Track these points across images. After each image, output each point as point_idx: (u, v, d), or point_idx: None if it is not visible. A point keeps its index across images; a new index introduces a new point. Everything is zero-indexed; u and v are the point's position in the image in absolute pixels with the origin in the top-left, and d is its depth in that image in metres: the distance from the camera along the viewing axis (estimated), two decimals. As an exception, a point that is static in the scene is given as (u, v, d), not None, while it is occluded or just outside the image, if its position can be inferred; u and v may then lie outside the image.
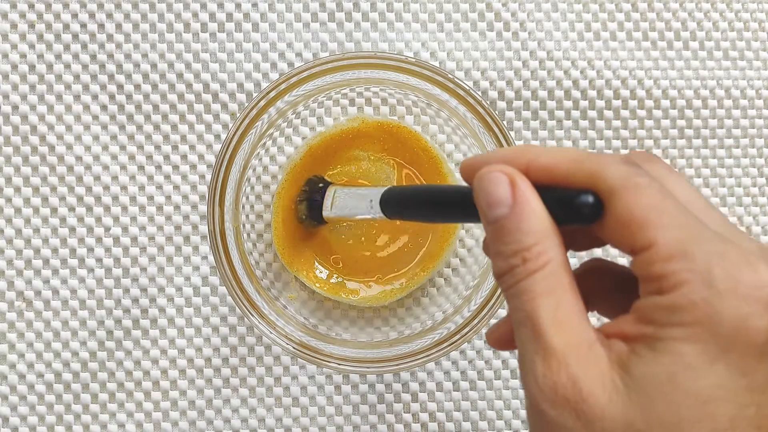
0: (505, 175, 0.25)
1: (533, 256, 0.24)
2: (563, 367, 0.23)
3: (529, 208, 0.24)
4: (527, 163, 0.25)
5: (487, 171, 0.25)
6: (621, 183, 0.23)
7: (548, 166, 0.25)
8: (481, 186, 0.25)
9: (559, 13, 0.46)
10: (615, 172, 0.24)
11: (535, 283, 0.24)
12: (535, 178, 0.25)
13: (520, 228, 0.24)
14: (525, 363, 0.24)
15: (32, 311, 0.45)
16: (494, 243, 0.25)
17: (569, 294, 0.24)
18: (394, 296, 0.44)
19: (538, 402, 0.24)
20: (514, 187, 0.25)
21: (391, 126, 0.44)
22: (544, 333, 0.24)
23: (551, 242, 0.24)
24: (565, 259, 0.25)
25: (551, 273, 0.24)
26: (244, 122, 0.38)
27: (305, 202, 0.41)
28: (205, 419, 0.45)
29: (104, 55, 0.45)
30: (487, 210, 0.25)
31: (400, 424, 0.45)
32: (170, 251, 0.45)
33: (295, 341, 0.39)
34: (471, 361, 0.45)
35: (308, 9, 0.46)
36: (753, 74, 0.47)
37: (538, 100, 0.46)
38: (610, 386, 0.23)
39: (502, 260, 0.25)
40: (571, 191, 0.24)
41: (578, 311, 0.24)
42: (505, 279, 0.25)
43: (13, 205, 0.45)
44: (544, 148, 0.26)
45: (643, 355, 0.23)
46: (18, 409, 0.44)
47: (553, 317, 0.24)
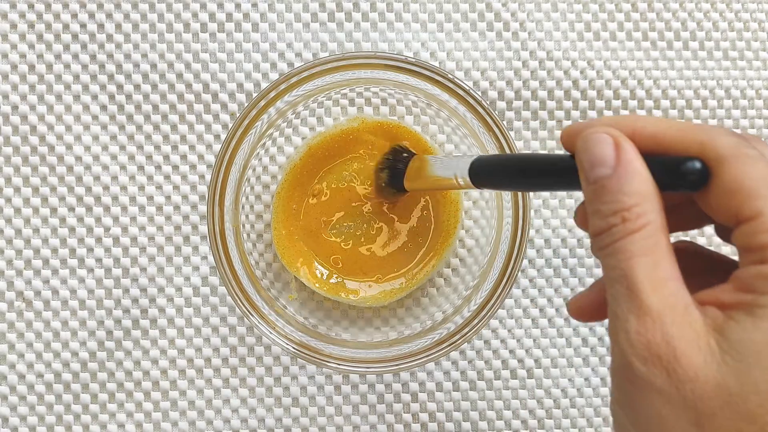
0: (610, 137, 0.25)
1: (633, 217, 0.24)
2: (658, 325, 0.23)
3: (632, 169, 0.24)
4: (633, 130, 0.25)
5: (593, 131, 0.25)
6: (731, 152, 0.23)
7: (655, 133, 0.25)
8: (585, 146, 0.25)
9: (558, 13, 0.46)
10: (725, 141, 0.24)
11: (633, 243, 0.24)
12: (641, 146, 0.25)
13: (621, 188, 0.24)
14: (617, 320, 0.24)
15: (32, 311, 0.45)
16: (593, 202, 0.25)
17: (667, 256, 0.24)
18: (394, 296, 0.44)
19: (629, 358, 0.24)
20: (618, 148, 0.25)
21: (390, 126, 0.43)
22: (640, 291, 0.24)
23: (652, 205, 0.24)
24: (665, 224, 0.25)
25: (650, 234, 0.24)
26: (244, 122, 0.38)
27: (387, 170, 0.41)
28: (205, 419, 0.45)
29: (104, 55, 0.45)
30: (590, 169, 0.25)
31: (399, 425, 0.45)
32: (170, 251, 0.45)
33: (295, 341, 0.39)
34: (471, 362, 0.45)
35: (308, 9, 0.46)
36: (753, 74, 0.47)
37: (538, 100, 0.46)
38: (706, 348, 0.23)
39: (601, 219, 0.25)
40: (677, 157, 0.24)
41: (675, 274, 0.24)
42: (602, 237, 0.25)
43: (13, 205, 0.45)
44: (651, 117, 0.26)
45: (741, 321, 0.23)
46: (18, 409, 0.44)
47: (650, 276, 0.24)
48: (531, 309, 0.46)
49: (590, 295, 0.28)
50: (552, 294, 0.46)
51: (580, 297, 0.28)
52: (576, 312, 0.29)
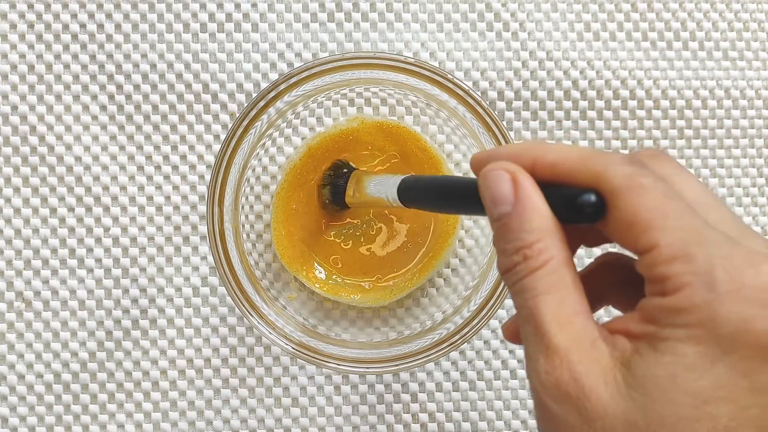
0: (507, 173, 0.25)
1: (534, 254, 0.24)
2: (565, 363, 0.23)
3: (531, 206, 0.25)
4: (533, 159, 0.25)
5: (490, 168, 0.25)
6: (624, 183, 0.24)
7: (554, 163, 0.25)
8: (485, 183, 0.26)
9: (558, 13, 0.46)
10: (618, 172, 0.24)
11: (536, 281, 0.24)
12: (541, 176, 0.25)
13: (522, 226, 0.24)
14: (529, 359, 0.24)
15: (31, 311, 0.45)
16: (498, 240, 0.25)
17: (572, 291, 0.24)
18: (394, 296, 0.44)
19: (542, 397, 0.24)
20: (516, 185, 0.25)
21: (390, 126, 0.43)
22: (546, 330, 0.24)
23: (552, 240, 0.24)
24: (568, 256, 0.25)
25: (553, 270, 0.24)
26: (244, 122, 0.38)
27: (329, 187, 0.41)
28: (205, 419, 0.45)
29: (103, 56, 0.45)
30: (492, 207, 0.25)
31: (399, 425, 0.45)
32: (169, 251, 0.45)
33: (295, 341, 0.39)
34: (470, 362, 0.45)
35: (307, 9, 0.46)
36: (752, 74, 0.47)
37: (538, 101, 0.46)
38: (612, 383, 0.23)
39: (505, 257, 0.25)
40: (575, 190, 0.24)
41: (581, 308, 0.24)
42: (508, 276, 0.25)
43: (13, 206, 0.45)
44: (551, 145, 0.26)
45: (645, 354, 0.23)
46: (17, 409, 0.44)
47: (555, 314, 0.24)
48: (531, 309, 0.45)
49: None
50: (552, 294, 0.45)
51: (512, 322, 0.28)
52: (511, 336, 0.29)
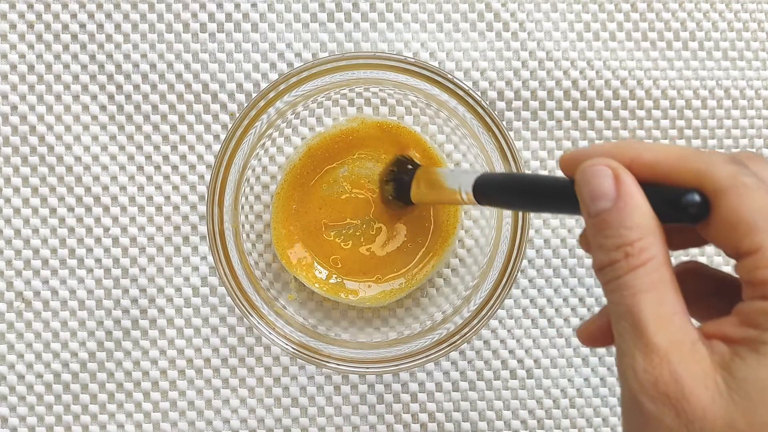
0: (609, 169, 0.25)
1: (636, 252, 0.24)
2: (665, 363, 0.23)
3: (633, 203, 0.24)
4: (631, 158, 0.25)
5: (591, 164, 0.25)
6: (729, 182, 0.23)
7: (653, 162, 0.25)
8: (584, 178, 0.25)
9: (558, 13, 0.46)
10: (722, 171, 0.24)
11: (637, 279, 0.24)
12: (639, 175, 0.25)
13: (623, 222, 0.24)
14: (624, 357, 0.24)
15: (31, 311, 0.45)
16: (595, 236, 0.25)
17: (672, 291, 0.24)
18: (394, 297, 0.44)
19: (637, 396, 0.24)
20: (618, 181, 0.25)
21: (390, 126, 0.43)
22: (646, 328, 0.23)
23: (655, 238, 0.24)
24: (668, 257, 0.25)
25: (654, 269, 0.24)
26: (243, 123, 0.38)
27: (392, 183, 0.41)
28: (204, 420, 0.45)
29: (103, 56, 0.45)
30: (590, 203, 0.25)
31: (399, 425, 0.45)
32: (169, 251, 0.45)
33: (295, 342, 0.39)
34: (470, 362, 0.45)
35: (307, 9, 0.46)
36: (752, 74, 0.47)
37: (538, 101, 0.46)
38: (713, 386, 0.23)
39: (604, 254, 0.25)
40: (677, 189, 0.24)
41: (680, 309, 0.24)
42: (605, 272, 0.25)
43: (12, 206, 0.45)
44: (649, 144, 0.25)
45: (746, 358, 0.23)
46: (17, 409, 0.44)
47: (655, 313, 0.24)
48: (530, 309, 0.46)
49: (599, 321, 0.28)
50: (551, 294, 0.46)
51: (589, 323, 0.28)
52: (587, 339, 0.28)
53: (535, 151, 0.46)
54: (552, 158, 0.46)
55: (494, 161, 0.39)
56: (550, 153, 0.46)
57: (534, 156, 0.46)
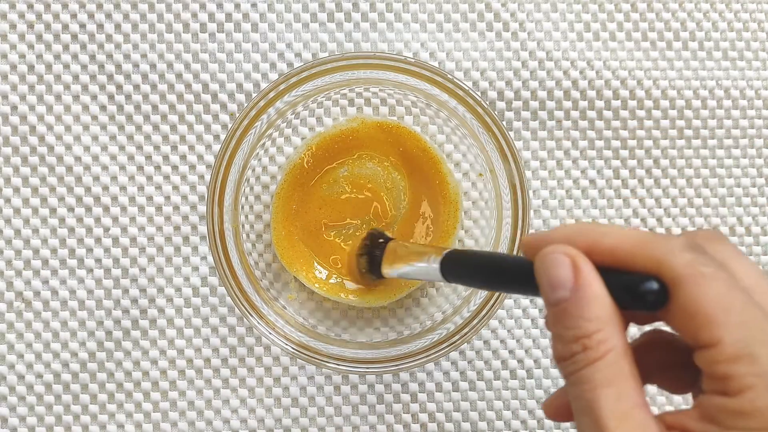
0: (568, 258, 0.25)
1: (594, 344, 0.24)
2: None
3: (592, 293, 0.24)
4: (590, 243, 0.25)
5: (549, 252, 0.25)
6: (687, 272, 0.23)
7: (611, 247, 0.25)
8: (543, 266, 0.25)
9: (558, 13, 0.46)
10: (680, 259, 0.23)
11: (596, 372, 0.24)
12: (598, 259, 0.25)
13: (581, 314, 0.24)
14: None
15: (31, 312, 0.45)
16: (555, 325, 0.25)
17: (631, 384, 0.24)
18: (394, 297, 0.44)
19: None
20: (576, 270, 0.24)
21: (390, 126, 0.43)
22: (605, 426, 0.23)
23: (613, 329, 0.24)
24: (627, 346, 0.24)
25: (613, 362, 0.24)
26: (243, 123, 0.38)
27: (366, 257, 0.41)
28: (204, 420, 0.45)
29: (103, 56, 0.45)
30: (549, 292, 0.25)
31: (399, 425, 0.45)
32: (169, 251, 0.45)
33: (294, 342, 0.39)
34: (470, 362, 0.45)
35: (307, 9, 0.46)
36: (752, 74, 0.47)
37: (538, 101, 0.46)
38: None
39: (563, 345, 0.25)
40: (635, 276, 0.24)
41: (640, 402, 0.24)
42: (565, 365, 0.25)
43: (12, 206, 0.45)
44: (607, 227, 0.25)
45: None
46: (17, 409, 0.44)
47: (614, 409, 0.23)
48: (530, 309, 0.46)
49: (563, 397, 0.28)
50: (551, 294, 0.45)
51: (555, 398, 0.28)
52: (553, 414, 0.28)
53: (535, 151, 0.46)
54: (552, 158, 0.46)
55: (494, 161, 0.39)
56: (550, 153, 0.46)
57: (534, 156, 0.46)
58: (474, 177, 0.44)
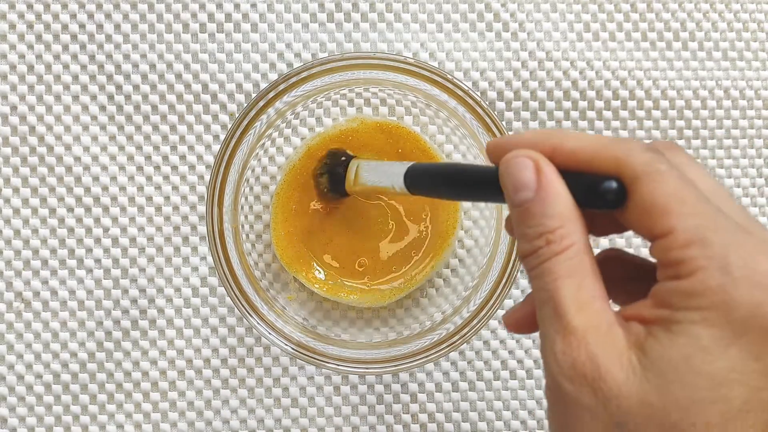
0: (530, 160, 0.26)
1: (557, 239, 0.25)
2: (582, 345, 0.24)
3: (554, 192, 0.25)
4: (552, 147, 0.26)
5: (513, 155, 0.26)
6: (644, 169, 0.24)
7: (573, 150, 0.26)
8: (507, 170, 0.26)
9: (558, 13, 0.46)
10: (639, 159, 0.24)
11: (557, 264, 0.25)
12: (560, 163, 0.26)
13: (544, 212, 0.25)
14: (546, 340, 0.25)
15: (30, 312, 0.45)
16: (519, 225, 0.26)
17: (591, 276, 0.25)
18: (393, 297, 0.44)
19: (557, 378, 0.24)
20: (539, 172, 0.25)
21: (390, 126, 0.43)
22: (565, 312, 0.24)
23: (574, 226, 0.25)
24: (588, 243, 0.25)
25: (574, 255, 0.25)
26: (243, 123, 0.38)
27: (326, 175, 0.41)
28: (204, 420, 0.45)
29: (103, 56, 0.45)
30: (513, 194, 0.26)
31: (399, 425, 0.45)
32: (169, 252, 0.45)
33: (294, 342, 0.39)
34: (470, 362, 0.45)
35: (307, 9, 0.46)
36: (752, 74, 0.47)
37: (537, 101, 0.46)
38: (628, 365, 0.24)
39: (527, 242, 0.26)
40: (596, 176, 0.25)
41: (599, 293, 0.25)
42: (529, 260, 0.26)
43: (12, 206, 0.45)
44: (570, 133, 0.26)
45: (659, 337, 0.24)
46: (17, 410, 0.44)
47: (574, 297, 0.24)
48: (530, 309, 0.46)
49: (525, 308, 0.29)
50: (551, 294, 0.45)
51: (515, 310, 0.29)
52: (513, 325, 0.29)
53: (534, 151, 0.46)
54: (552, 158, 0.46)
55: (494, 161, 0.39)
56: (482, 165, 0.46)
57: (534, 156, 0.46)
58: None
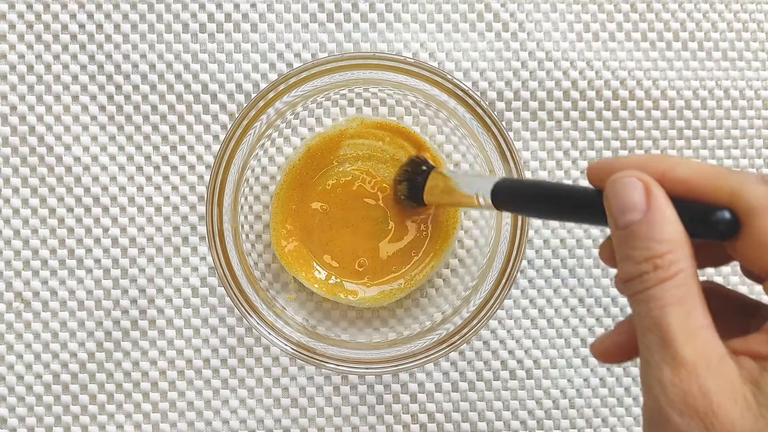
0: (640, 182, 0.25)
1: (666, 264, 0.24)
2: (694, 377, 0.23)
3: (664, 216, 0.24)
4: (662, 172, 0.25)
5: (621, 176, 0.25)
6: (761, 203, 0.23)
7: (685, 178, 0.25)
8: (614, 190, 0.25)
9: (557, 13, 0.46)
10: (756, 191, 0.24)
11: (665, 291, 0.24)
12: (669, 189, 0.25)
13: (652, 235, 0.24)
14: (651, 368, 0.24)
15: (30, 312, 0.45)
16: (623, 247, 0.25)
17: (699, 305, 0.24)
18: (393, 297, 0.44)
19: (664, 408, 0.24)
20: (649, 194, 0.25)
21: (389, 126, 0.43)
22: (674, 341, 0.24)
23: (684, 252, 0.24)
24: (696, 271, 0.25)
25: (683, 282, 0.24)
26: (243, 123, 0.38)
27: (406, 183, 0.41)
28: (204, 420, 0.45)
29: (102, 56, 0.45)
30: (619, 215, 0.25)
31: (398, 425, 0.45)
32: (169, 252, 0.45)
33: (294, 342, 0.39)
34: (470, 362, 0.45)
35: (307, 9, 0.46)
36: (751, 75, 0.47)
37: (537, 101, 0.46)
38: (742, 401, 0.23)
39: (632, 265, 0.25)
40: (707, 206, 0.24)
41: (708, 323, 0.24)
42: (632, 284, 0.25)
43: (12, 206, 0.45)
44: (681, 159, 0.26)
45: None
46: (16, 410, 0.44)
47: (683, 326, 0.24)
48: (530, 309, 0.46)
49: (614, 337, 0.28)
50: (551, 294, 0.46)
51: (604, 339, 0.28)
52: (602, 355, 0.28)
53: (534, 151, 0.46)
54: (551, 158, 0.46)
55: (493, 161, 0.39)
56: (550, 153, 0.46)
57: (533, 156, 0.46)
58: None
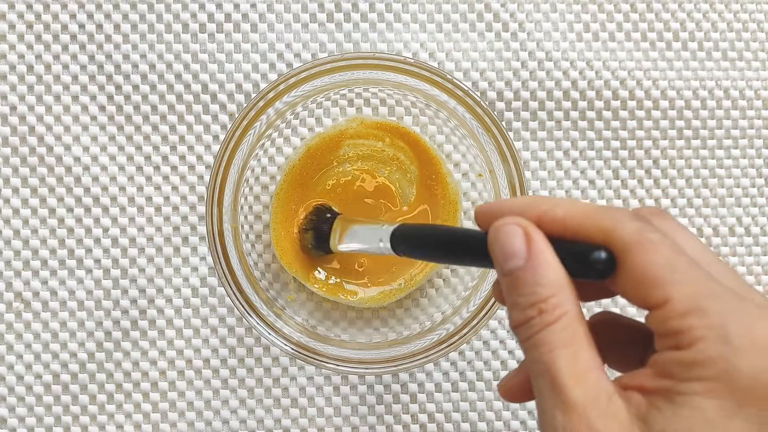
0: (520, 228, 0.25)
1: (549, 308, 0.24)
2: (584, 420, 0.23)
3: (545, 261, 0.25)
4: (541, 214, 0.26)
5: (502, 223, 0.26)
6: (634, 239, 0.24)
7: (561, 218, 0.25)
8: (496, 238, 0.26)
9: (557, 13, 0.46)
10: (628, 228, 0.24)
11: (552, 335, 0.24)
12: (548, 230, 0.25)
13: (536, 280, 0.25)
14: (544, 414, 0.24)
15: (30, 312, 0.45)
16: (510, 294, 0.25)
17: (586, 345, 0.24)
18: (393, 297, 0.44)
19: None
20: (529, 240, 0.25)
21: (389, 126, 0.43)
22: (563, 385, 0.24)
23: (566, 294, 0.25)
24: (580, 311, 0.25)
25: (568, 324, 0.24)
26: (243, 123, 0.38)
27: (312, 232, 0.41)
28: (204, 420, 0.45)
29: (102, 56, 0.45)
30: (503, 262, 0.25)
31: (398, 425, 0.45)
32: (168, 252, 0.45)
33: (294, 342, 0.39)
34: (470, 362, 0.45)
35: (307, 9, 0.46)
36: (751, 75, 0.47)
37: (537, 101, 0.46)
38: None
39: (518, 311, 0.25)
40: (585, 246, 0.25)
41: (595, 363, 0.24)
42: (521, 330, 0.25)
43: (11, 206, 0.45)
44: (558, 200, 0.26)
45: (662, 408, 0.23)
46: (16, 410, 0.44)
47: (571, 369, 0.24)
48: (530, 310, 0.45)
49: (518, 376, 0.28)
50: (551, 295, 0.45)
51: (509, 379, 0.29)
52: (506, 394, 0.29)
53: (534, 151, 0.46)
54: (551, 159, 0.46)
55: (493, 162, 0.39)
56: (550, 153, 0.46)
57: (533, 156, 0.46)
58: (473, 177, 0.44)
